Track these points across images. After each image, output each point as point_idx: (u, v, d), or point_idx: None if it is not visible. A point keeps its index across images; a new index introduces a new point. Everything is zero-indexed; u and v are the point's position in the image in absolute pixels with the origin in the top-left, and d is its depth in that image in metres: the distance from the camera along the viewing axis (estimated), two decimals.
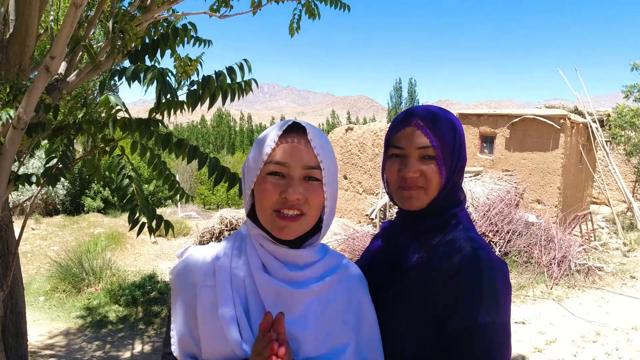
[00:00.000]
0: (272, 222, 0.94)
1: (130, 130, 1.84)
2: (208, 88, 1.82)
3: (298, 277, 0.96)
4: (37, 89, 1.59)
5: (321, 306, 0.97)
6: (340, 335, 0.98)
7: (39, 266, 8.71)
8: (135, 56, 1.94)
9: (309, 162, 0.93)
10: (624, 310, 6.07)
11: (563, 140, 9.23)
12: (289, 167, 0.93)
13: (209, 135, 61.02)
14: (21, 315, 3.03)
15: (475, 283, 1.00)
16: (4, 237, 2.77)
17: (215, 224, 10.13)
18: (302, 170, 0.93)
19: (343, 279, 1.03)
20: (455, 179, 1.13)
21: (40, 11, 2.38)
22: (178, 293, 1.00)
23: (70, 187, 16.64)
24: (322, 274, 0.99)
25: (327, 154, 0.96)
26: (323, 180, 0.95)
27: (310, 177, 0.94)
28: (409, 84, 52.71)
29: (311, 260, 0.99)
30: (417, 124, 1.09)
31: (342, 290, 1.02)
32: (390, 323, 1.09)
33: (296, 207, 0.92)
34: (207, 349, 0.93)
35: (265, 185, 0.93)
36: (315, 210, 0.96)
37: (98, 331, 6.02)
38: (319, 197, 0.95)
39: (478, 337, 0.98)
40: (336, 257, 1.06)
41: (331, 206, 1.00)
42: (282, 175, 0.93)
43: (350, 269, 1.07)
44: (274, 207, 0.93)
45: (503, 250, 7.82)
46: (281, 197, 0.92)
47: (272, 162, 0.93)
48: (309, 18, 3.74)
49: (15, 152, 1.79)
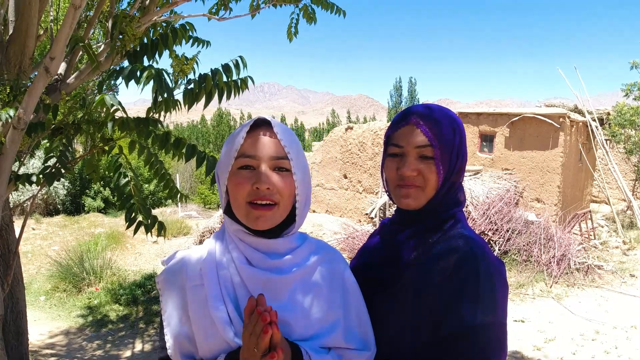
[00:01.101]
0: (247, 214, 0.97)
1: (129, 129, 1.85)
2: (204, 86, 1.83)
3: (280, 264, 1.00)
4: (37, 89, 1.61)
5: (307, 289, 1.01)
6: (328, 317, 1.01)
7: (40, 266, 8.73)
8: (134, 56, 1.96)
9: (277, 153, 0.98)
10: (624, 309, 6.08)
11: (563, 139, 9.24)
12: (258, 159, 0.97)
13: (209, 135, 60.94)
14: (22, 314, 3.04)
15: (473, 282, 1.01)
16: (4, 237, 2.79)
17: (216, 224, 10.15)
18: (271, 161, 0.97)
19: (324, 261, 1.07)
20: (454, 178, 1.13)
21: (39, 12, 2.39)
22: (168, 297, 1.03)
23: (71, 187, 16.66)
24: (303, 259, 1.03)
25: (293, 144, 1.00)
26: (292, 170, 0.99)
27: (280, 168, 0.98)
28: (409, 83, 52.62)
29: (291, 247, 1.03)
30: (416, 123, 1.09)
31: (325, 272, 1.05)
32: (386, 321, 1.09)
33: (268, 197, 0.96)
34: (202, 347, 0.96)
35: (237, 178, 0.97)
36: (287, 199, 0.99)
37: (98, 330, 6.04)
38: (289, 186, 0.99)
39: (475, 336, 0.98)
40: (315, 242, 1.10)
41: (304, 194, 1.03)
42: (253, 168, 0.97)
43: (330, 251, 1.10)
44: (247, 199, 0.97)
45: (502, 249, 7.82)
46: (253, 187, 0.96)
47: (242, 155, 0.97)
48: (307, 22, 3.76)
49: (15, 152, 1.81)
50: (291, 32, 3.84)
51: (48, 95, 2.27)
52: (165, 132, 1.93)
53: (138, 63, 1.85)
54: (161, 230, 2.12)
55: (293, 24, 3.79)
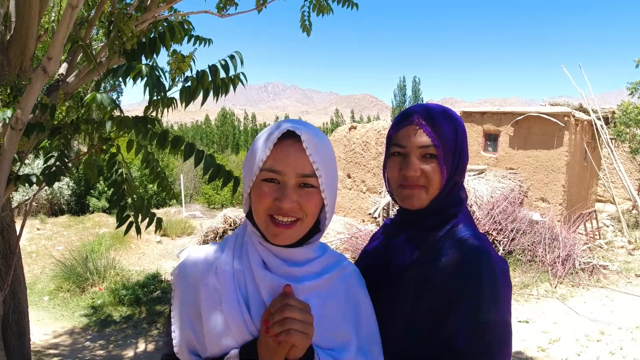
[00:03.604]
0: (267, 228, 0.94)
1: (127, 128, 1.84)
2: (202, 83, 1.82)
3: (297, 272, 0.97)
4: (35, 89, 1.60)
5: (320, 301, 0.98)
6: (341, 331, 0.99)
7: (44, 266, 8.76)
8: (132, 55, 1.94)
9: (304, 170, 0.92)
10: (629, 309, 6.04)
11: (567, 138, 9.18)
12: (283, 175, 0.92)
13: (213, 135, 61.10)
14: (24, 315, 3.05)
15: (476, 281, 1.00)
16: (6, 237, 2.79)
17: (219, 224, 10.15)
18: (297, 178, 0.93)
19: (341, 276, 1.04)
20: (457, 178, 1.13)
21: (40, 12, 2.39)
22: (180, 293, 1.02)
23: (75, 187, 16.72)
24: (320, 271, 1.01)
25: (323, 159, 0.94)
26: (320, 187, 0.94)
27: (306, 184, 0.94)
28: (413, 82, 52.59)
29: (310, 257, 1.00)
30: (419, 123, 1.09)
31: (341, 287, 1.03)
32: (389, 321, 1.09)
33: (290, 214, 0.93)
34: (213, 346, 0.95)
35: (259, 191, 0.93)
36: (310, 216, 0.96)
37: (102, 330, 6.05)
38: (314, 203, 0.95)
39: (478, 335, 0.98)
40: (334, 255, 1.07)
41: (331, 209, 1.00)
42: (277, 182, 0.93)
43: (348, 267, 1.08)
44: (268, 212, 0.93)
45: (507, 249, 7.79)
46: (275, 204, 0.92)
47: (266, 169, 0.92)
48: (317, 15, 3.70)
49: (14, 153, 1.80)
50: (305, 26, 3.79)
51: (48, 95, 2.27)
52: (163, 130, 1.91)
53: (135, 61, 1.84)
54: (158, 226, 2.11)
55: (305, 18, 3.74)
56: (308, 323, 0.86)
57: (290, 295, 0.88)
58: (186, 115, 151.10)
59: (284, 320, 0.84)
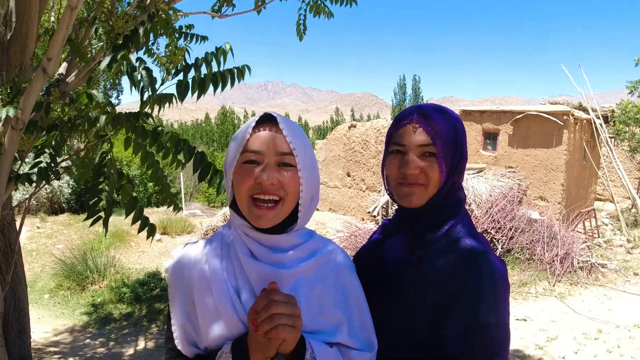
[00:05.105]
0: (249, 211, 0.98)
1: (120, 124, 1.84)
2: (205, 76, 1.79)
3: (283, 259, 1.00)
4: (35, 89, 1.62)
5: (309, 285, 1.01)
6: (331, 314, 1.02)
7: (44, 264, 8.78)
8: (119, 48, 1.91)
9: (282, 148, 0.98)
10: (627, 308, 6.05)
11: (567, 137, 9.19)
12: (263, 154, 0.97)
13: (213, 133, 60.96)
14: (24, 312, 3.07)
15: (475, 281, 1.00)
16: (6, 235, 2.81)
17: (219, 222, 10.17)
18: (276, 157, 0.97)
19: (330, 261, 1.07)
20: (456, 177, 1.13)
21: (40, 13, 2.41)
22: (175, 287, 1.05)
23: (76, 185, 16.72)
24: (307, 256, 1.04)
25: (299, 140, 1.00)
26: (298, 166, 0.99)
27: (285, 164, 0.98)
28: (413, 80, 52.46)
29: (295, 243, 1.03)
30: (418, 121, 1.09)
31: (329, 271, 1.06)
32: (387, 321, 1.09)
33: (272, 192, 0.96)
34: (207, 337, 0.98)
35: (242, 172, 0.98)
36: (291, 195, 0.99)
37: (102, 328, 6.07)
38: (294, 182, 0.99)
39: (477, 336, 0.98)
40: (322, 240, 1.10)
41: (309, 191, 1.03)
42: (258, 163, 0.97)
43: (336, 251, 1.10)
44: (250, 193, 0.97)
45: (505, 247, 7.80)
46: (256, 182, 0.96)
47: (247, 151, 0.98)
48: (314, 16, 3.69)
49: (14, 152, 1.82)
50: (300, 30, 3.77)
51: (48, 95, 2.29)
52: (155, 126, 1.91)
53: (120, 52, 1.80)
54: (152, 233, 2.11)
55: (301, 21, 3.72)
56: (295, 316, 0.88)
57: (274, 291, 0.89)
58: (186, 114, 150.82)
59: (272, 317, 0.85)
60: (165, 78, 1.87)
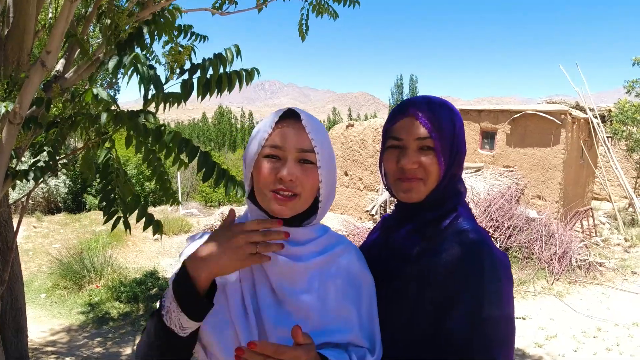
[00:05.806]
0: (268, 202, 0.98)
1: (121, 122, 1.82)
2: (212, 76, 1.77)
3: (299, 251, 1.00)
4: (33, 83, 1.59)
5: (324, 278, 1.02)
6: (343, 309, 1.01)
7: (41, 264, 8.73)
8: (124, 47, 1.90)
9: (303, 145, 0.98)
10: (625, 306, 6.07)
11: (564, 136, 9.21)
12: (284, 149, 0.97)
13: (210, 133, 60.90)
14: (21, 312, 3.04)
15: (477, 276, 0.99)
16: (3, 234, 2.78)
17: (217, 221, 10.15)
18: (297, 153, 0.97)
19: (343, 255, 1.07)
20: (455, 170, 1.12)
21: (37, 8, 2.38)
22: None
23: (72, 185, 16.65)
24: (322, 249, 1.04)
25: (320, 138, 1.00)
26: (317, 164, 0.98)
27: (305, 160, 0.98)
28: (410, 80, 52.60)
29: (311, 237, 1.03)
30: (415, 115, 1.07)
31: (343, 265, 1.06)
32: (391, 315, 1.08)
33: (290, 188, 0.96)
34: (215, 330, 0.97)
35: (262, 167, 0.98)
36: (309, 192, 0.99)
37: (99, 328, 6.04)
38: (312, 179, 0.99)
39: (481, 330, 0.97)
40: (336, 236, 1.10)
41: (327, 189, 1.03)
42: (278, 158, 0.98)
43: (350, 246, 1.10)
44: (270, 188, 0.97)
45: (504, 246, 7.81)
46: (276, 177, 0.96)
47: (268, 145, 0.98)
48: (316, 16, 3.66)
49: (12, 147, 1.79)
50: (302, 30, 3.73)
51: (46, 92, 2.26)
52: (158, 125, 1.89)
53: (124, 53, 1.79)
54: (156, 230, 2.09)
55: (304, 21, 3.68)
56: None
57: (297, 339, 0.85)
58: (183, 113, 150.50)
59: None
60: (170, 77, 1.85)
